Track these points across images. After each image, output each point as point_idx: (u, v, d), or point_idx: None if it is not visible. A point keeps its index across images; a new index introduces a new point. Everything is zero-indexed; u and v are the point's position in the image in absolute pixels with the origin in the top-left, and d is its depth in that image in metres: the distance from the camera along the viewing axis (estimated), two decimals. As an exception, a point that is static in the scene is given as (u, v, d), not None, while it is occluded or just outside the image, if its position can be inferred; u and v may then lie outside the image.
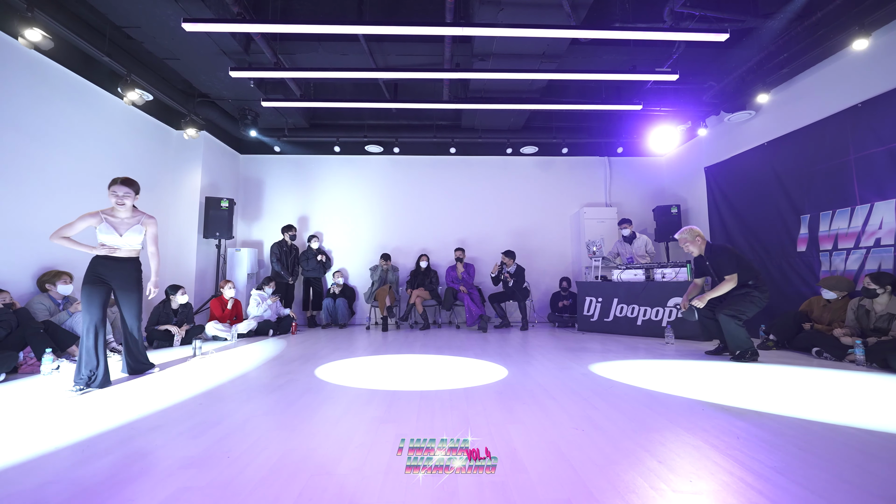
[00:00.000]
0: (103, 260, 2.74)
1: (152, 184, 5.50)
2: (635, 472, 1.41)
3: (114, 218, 2.77)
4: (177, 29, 3.86)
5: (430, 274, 6.34)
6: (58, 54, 4.04)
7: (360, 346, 4.43)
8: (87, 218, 2.69)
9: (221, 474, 1.41)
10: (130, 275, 2.83)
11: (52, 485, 1.35)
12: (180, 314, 4.56)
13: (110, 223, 2.74)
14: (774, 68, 4.66)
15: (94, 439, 1.75)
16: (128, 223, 2.79)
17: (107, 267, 2.73)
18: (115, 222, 2.76)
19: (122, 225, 2.77)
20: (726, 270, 3.48)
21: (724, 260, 3.51)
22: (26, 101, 3.82)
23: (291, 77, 5.06)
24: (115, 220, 2.77)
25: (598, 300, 5.34)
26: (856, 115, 4.01)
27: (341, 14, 4.62)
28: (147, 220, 2.88)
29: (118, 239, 2.74)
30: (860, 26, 3.72)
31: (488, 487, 1.31)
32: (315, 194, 7.10)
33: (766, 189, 5.03)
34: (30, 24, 3.47)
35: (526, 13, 3.94)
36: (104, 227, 2.72)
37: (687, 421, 1.92)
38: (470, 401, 2.27)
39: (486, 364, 3.32)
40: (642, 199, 7.18)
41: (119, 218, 2.78)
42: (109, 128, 4.77)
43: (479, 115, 6.16)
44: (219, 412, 2.11)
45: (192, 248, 5.82)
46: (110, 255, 2.74)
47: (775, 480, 1.34)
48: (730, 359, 3.44)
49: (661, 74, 4.48)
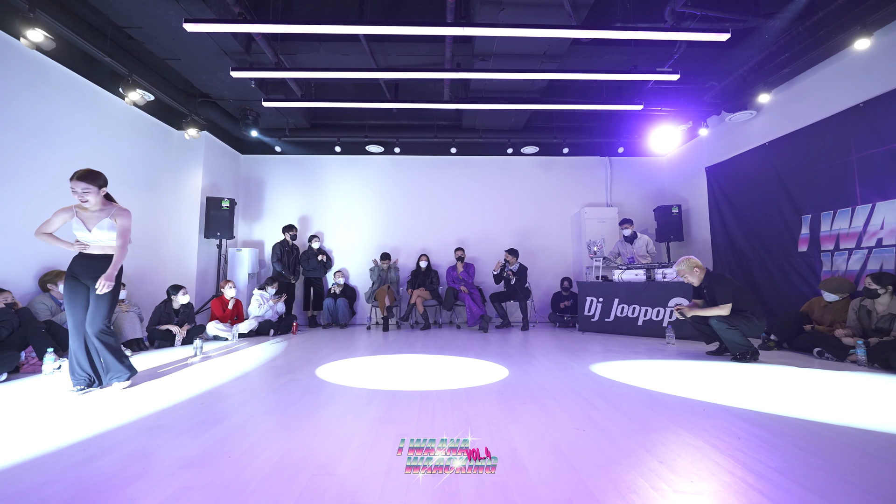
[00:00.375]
0: (78, 258, 2.59)
1: (153, 184, 5.51)
2: (636, 472, 1.41)
3: (85, 212, 2.58)
4: (178, 29, 3.87)
5: (431, 274, 6.34)
6: (59, 55, 4.05)
7: (361, 346, 4.43)
8: (61, 213, 2.55)
9: (222, 474, 1.41)
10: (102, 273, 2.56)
11: (54, 484, 1.35)
12: (181, 314, 4.57)
13: (80, 218, 2.56)
14: (776, 68, 4.66)
15: (96, 439, 1.75)
16: (97, 217, 2.58)
17: (80, 265, 2.58)
18: (86, 217, 2.57)
19: (91, 220, 2.57)
20: (721, 300, 3.49)
21: (720, 289, 3.50)
22: (28, 101, 3.83)
23: (292, 77, 5.06)
24: (85, 214, 2.58)
25: (598, 300, 5.34)
26: (857, 114, 4.00)
27: (342, 14, 4.62)
28: (118, 212, 2.63)
29: (88, 234, 2.56)
30: (862, 26, 3.72)
31: (489, 487, 1.31)
32: (316, 194, 7.10)
33: (767, 189, 5.02)
34: (31, 24, 3.48)
35: (527, 13, 3.94)
36: (76, 222, 2.55)
37: (688, 421, 1.92)
38: (471, 401, 2.27)
39: (486, 364, 3.32)
40: (643, 199, 7.17)
41: (89, 212, 2.58)
42: (111, 128, 4.78)
43: (479, 115, 6.16)
44: (220, 412, 2.11)
45: (192, 248, 5.83)
46: (84, 251, 2.58)
47: (776, 481, 1.34)
48: (731, 359, 3.44)
49: (662, 74, 4.48)
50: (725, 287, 3.49)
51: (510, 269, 5.94)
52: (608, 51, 4.83)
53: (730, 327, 3.39)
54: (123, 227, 2.61)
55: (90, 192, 2.52)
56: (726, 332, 3.41)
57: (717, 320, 3.45)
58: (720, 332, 3.45)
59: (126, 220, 2.62)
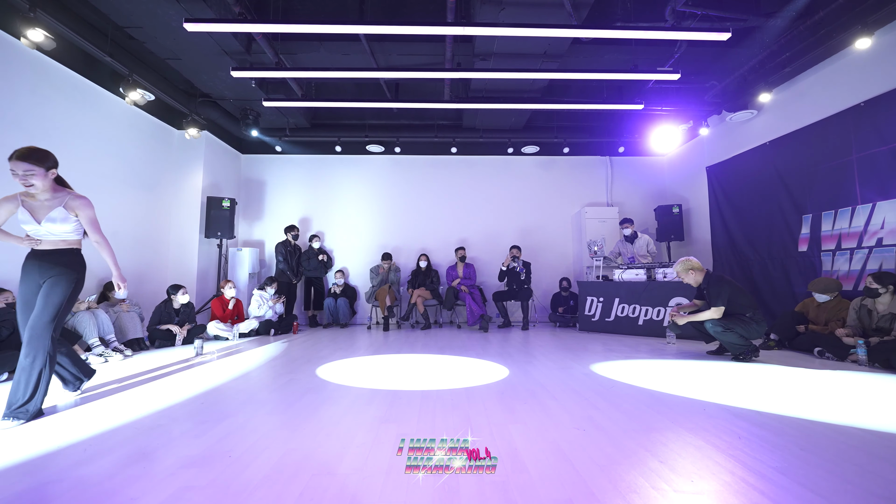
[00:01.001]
0: (30, 256, 2.16)
1: (154, 183, 5.51)
2: (637, 471, 1.41)
3: (32, 200, 2.12)
4: (178, 29, 3.86)
5: (431, 273, 6.34)
6: (60, 54, 4.05)
7: (362, 345, 4.44)
8: (4, 203, 2.09)
9: (223, 474, 1.41)
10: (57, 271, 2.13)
11: (55, 484, 1.36)
12: (182, 314, 4.57)
13: (27, 207, 2.10)
14: (776, 67, 4.65)
15: (96, 438, 1.75)
16: (47, 207, 2.12)
17: (32, 264, 2.14)
18: (33, 206, 2.11)
19: (39, 210, 2.11)
20: (714, 302, 3.46)
21: (715, 291, 3.47)
22: (28, 101, 3.83)
23: (293, 77, 5.06)
24: (32, 203, 2.11)
25: (599, 300, 5.33)
26: (858, 114, 3.99)
27: (343, 14, 4.62)
28: (74, 200, 2.16)
29: (37, 227, 2.11)
30: (862, 25, 3.71)
31: (489, 487, 1.31)
32: (316, 194, 7.10)
33: (767, 189, 5.01)
34: (32, 24, 3.48)
35: (527, 13, 3.94)
36: (23, 213, 2.10)
37: (688, 421, 1.92)
38: (471, 401, 2.27)
39: (487, 364, 3.32)
40: (644, 198, 7.17)
41: (37, 201, 2.12)
42: (111, 128, 4.78)
43: (480, 114, 6.15)
44: (220, 412, 2.12)
45: (193, 247, 5.83)
46: (36, 248, 2.15)
47: (777, 480, 1.34)
48: (731, 359, 3.43)
49: (662, 74, 4.48)
50: (721, 289, 3.47)
51: (519, 263, 5.96)
52: (609, 50, 4.82)
53: (725, 330, 3.37)
54: (90, 218, 2.21)
55: (34, 174, 2.04)
56: (722, 335, 3.40)
57: (712, 324, 3.43)
58: (716, 335, 3.44)
59: (88, 209, 2.20)
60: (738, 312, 3.44)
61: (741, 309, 3.44)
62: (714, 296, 3.48)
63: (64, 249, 2.18)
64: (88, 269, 2.32)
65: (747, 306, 3.45)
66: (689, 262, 3.71)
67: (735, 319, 3.40)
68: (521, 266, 5.94)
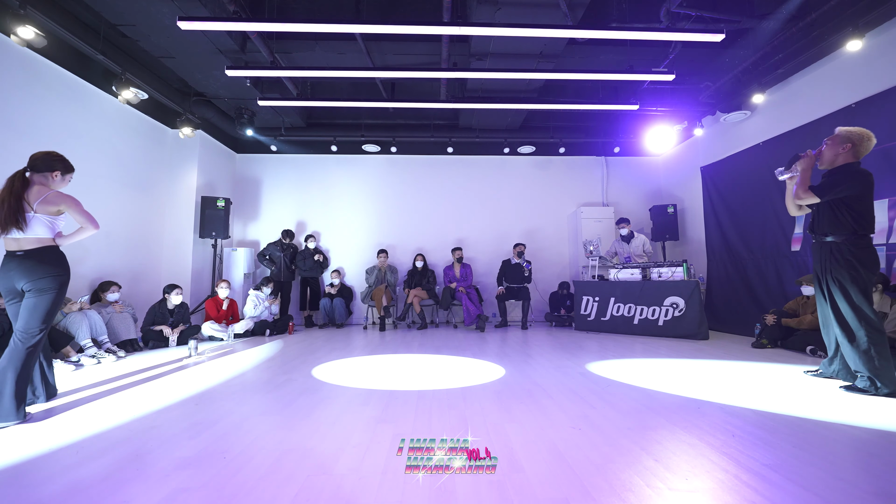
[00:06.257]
0: (8, 258, 2.06)
1: (148, 183, 5.46)
2: (632, 470, 1.42)
3: None
4: (172, 27, 3.83)
5: (428, 273, 6.34)
6: (51, 52, 4.00)
7: (358, 345, 4.43)
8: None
9: (218, 475, 1.40)
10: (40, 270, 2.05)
11: (49, 486, 1.34)
12: (176, 314, 4.54)
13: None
14: (770, 69, 4.69)
15: (91, 440, 1.74)
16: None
17: (9, 267, 2.05)
18: None
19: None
20: (837, 190, 2.41)
21: (846, 185, 2.44)
22: (19, 100, 3.78)
23: (288, 76, 5.04)
24: None
25: (595, 299, 5.35)
26: (850, 115, 4.03)
27: (338, 13, 4.61)
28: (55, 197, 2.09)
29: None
30: (854, 27, 3.75)
31: (486, 487, 1.31)
32: (312, 194, 7.07)
33: (761, 188, 5.05)
34: (22, 21, 3.43)
35: (523, 13, 3.94)
36: None
37: (683, 419, 1.93)
38: (468, 400, 2.27)
39: (483, 363, 3.33)
40: (639, 198, 7.20)
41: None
42: (104, 126, 4.74)
43: (476, 114, 6.16)
44: (215, 412, 2.10)
45: (188, 247, 5.79)
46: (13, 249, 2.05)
47: (770, 478, 1.35)
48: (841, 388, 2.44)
49: (657, 74, 4.50)
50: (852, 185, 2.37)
51: (523, 260, 5.98)
52: (604, 51, 4.84)
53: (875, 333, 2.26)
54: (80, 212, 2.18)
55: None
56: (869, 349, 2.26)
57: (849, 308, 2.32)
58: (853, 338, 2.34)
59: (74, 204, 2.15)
60: (859, 233, 2.35)
61: (862, 226, 2.35)
62: (838, 186, 2.37)
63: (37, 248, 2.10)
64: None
65: (869, 225, 2.38)
66: (861, 131, 2.53)
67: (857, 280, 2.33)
68: (526, 262, 5.96)
